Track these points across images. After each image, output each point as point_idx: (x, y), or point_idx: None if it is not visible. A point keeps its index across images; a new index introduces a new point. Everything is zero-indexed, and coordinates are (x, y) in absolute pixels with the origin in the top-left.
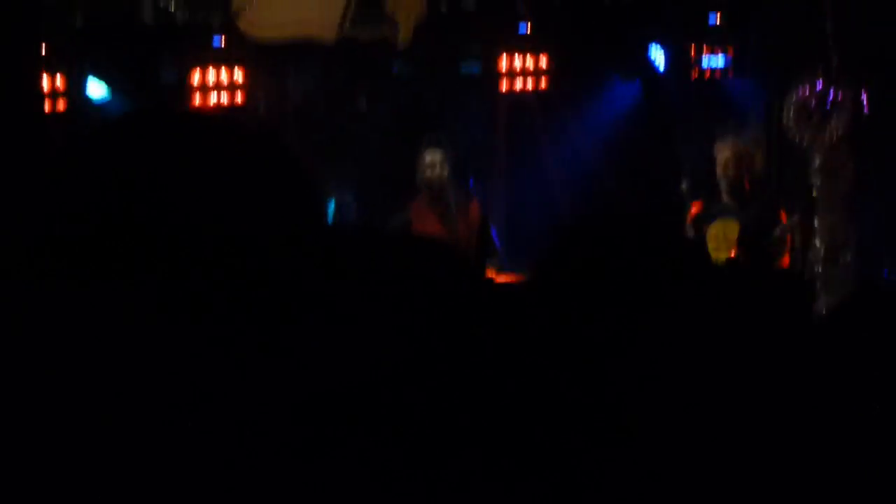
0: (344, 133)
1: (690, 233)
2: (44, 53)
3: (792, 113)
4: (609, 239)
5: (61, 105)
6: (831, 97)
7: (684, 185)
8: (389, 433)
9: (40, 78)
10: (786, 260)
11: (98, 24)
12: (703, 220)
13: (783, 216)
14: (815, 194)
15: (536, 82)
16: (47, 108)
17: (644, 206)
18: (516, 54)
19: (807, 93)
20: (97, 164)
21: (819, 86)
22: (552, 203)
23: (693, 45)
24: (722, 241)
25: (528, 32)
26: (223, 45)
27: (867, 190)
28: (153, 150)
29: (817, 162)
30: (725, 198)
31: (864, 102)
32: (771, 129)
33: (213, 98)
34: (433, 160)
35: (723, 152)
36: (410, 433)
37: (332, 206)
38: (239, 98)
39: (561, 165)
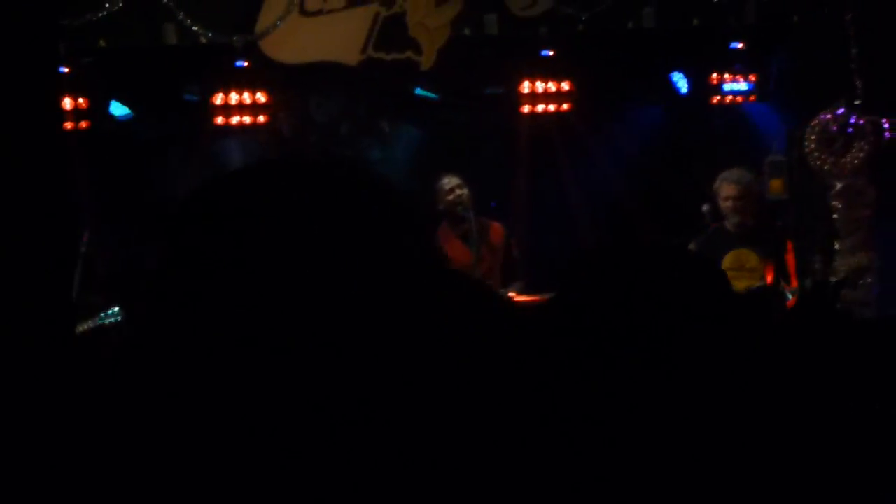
0: (367, 155)
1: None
2: (67, 74)
3: (814, 138)
4: (631, 265)
5: (84, 124)
6: (853, 122)
7: (705, 209)
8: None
9: (60, 98)
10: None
11: (122, 46)
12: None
13: (790, 246)
14: (835, 218)
15: (559, 106)
16: (69, 126)
17: (665, 230)
18: (538, 78)
19: (829, 118)
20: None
21: (841, 111)
22: (573, 226)
23: (715, 70)
24: (737, 269)
25: (551, 56)
26: (246, 67)
27: (886, 214)
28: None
29: (837, 187)
30: (732, 228)
31: (886, 128)
32: (792, 154)
33: (235, 119)
34: (451, 184)
35: (723, 189)
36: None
37: None
38: (261, 119)
39: (582, 188)
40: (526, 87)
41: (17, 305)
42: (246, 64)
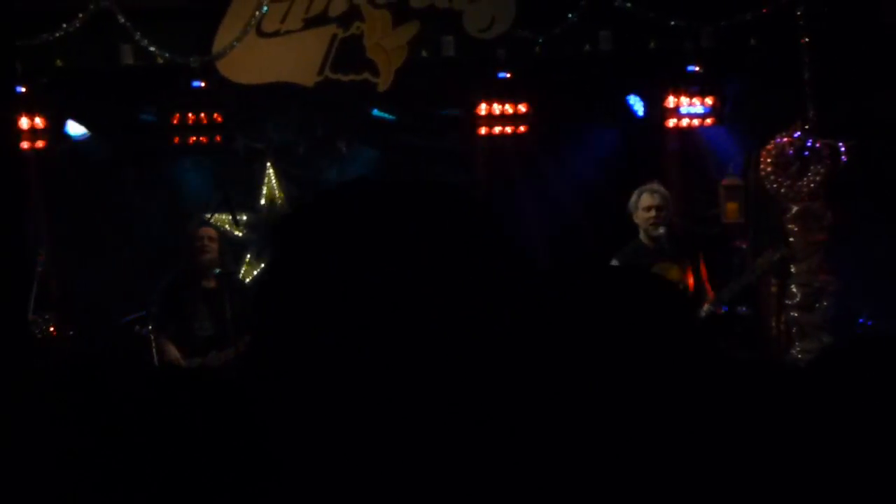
0: (324, 175)
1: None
2: (24, 94)
3: (770, 161)
4: (587, 286)
5: (41, 144)
6: (809, 146)
7: (660, 231)
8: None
9: (16, 117)
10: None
11: (79, 66)
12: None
13: (701, 256)
14: (791, 241)
15: (516, 128)
16: (26, 146)
17: (619, 251)
18: (495, 100)
19: (785, 141)
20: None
21: (797, 135)
22: (529, 247)
23: (672, 93)
24: None
25: (508, 78)
26: (202, 88)
27: (843, 238)
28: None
29: (794, 210)
30: (646, 241)
31: (842, 152)
32: (748, 178)
33: (191, 139)
34: None
35: (644, 199)
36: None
37: None
38: (217, 139)
39: (538, 210)
40: (483, 108)
41: None
42: (203, 84)
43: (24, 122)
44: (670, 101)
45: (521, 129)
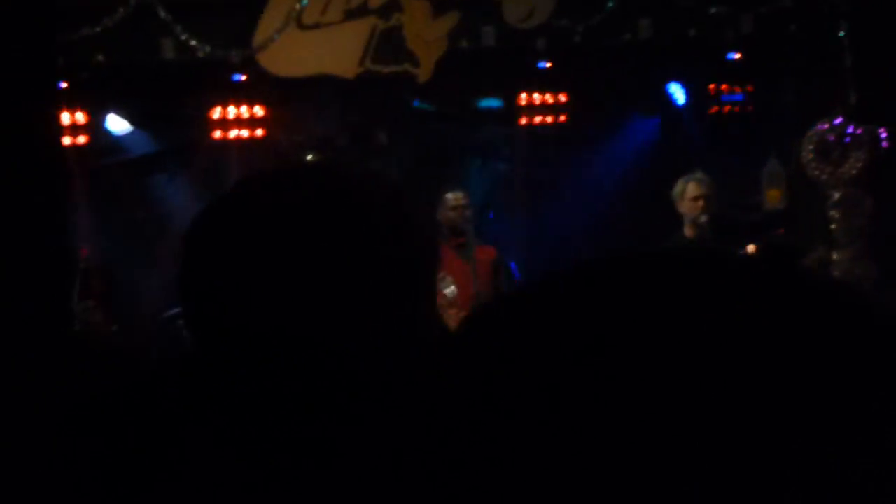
0: (364, 166)
1: None
2: (65, 89)
3: (811, 148)
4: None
5: (82, 139)
6: (850, 132)
7: (703, 219)
8: None
9: (59, 113)
10: None
11: (120, 61)
12: None
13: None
14: (833, 227)
15: (556, 117)
16: (67, 141)
17: (661, 242)
18: (535, 90)
19: (826, 128)
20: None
21: (838, 121)
22: (570, 237)
23: (712, 81)
24: None
25: (548, 68)
26: (243, 81)
27: (884, 224)
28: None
29: (835, 197)
30: (689, 232)
31: (883, 138)
32: (790, 165)
33: (232, 133)
34: (457, 199)
35: (691, 189)
36: None
37: None
38: (259, 133)
39: (580, 200)
40: (523, 98)
41: (18, 314)
42: (243, 78)
43: (65, 118)
44: (711, 89)
45: (561, 118)
